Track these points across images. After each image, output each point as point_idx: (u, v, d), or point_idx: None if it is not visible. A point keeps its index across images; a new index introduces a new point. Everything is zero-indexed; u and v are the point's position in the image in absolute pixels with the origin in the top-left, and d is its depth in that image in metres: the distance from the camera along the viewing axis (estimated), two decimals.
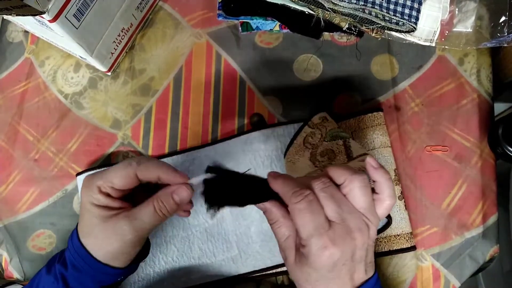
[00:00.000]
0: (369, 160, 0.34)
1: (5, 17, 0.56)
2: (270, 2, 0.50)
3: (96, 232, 0.35)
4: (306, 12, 0.49)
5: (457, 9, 0.48)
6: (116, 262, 0.36)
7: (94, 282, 0.37)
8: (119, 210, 0.36)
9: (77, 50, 0.51)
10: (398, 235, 0.47)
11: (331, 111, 0.53)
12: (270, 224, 0.35)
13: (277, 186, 0.33)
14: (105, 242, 0.35)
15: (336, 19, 0.48)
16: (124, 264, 0.37)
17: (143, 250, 0.40)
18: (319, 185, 0.32)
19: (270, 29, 0.55)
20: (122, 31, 0.54)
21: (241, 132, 0.52)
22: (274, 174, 0.34)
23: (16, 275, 0.54)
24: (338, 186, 0.33)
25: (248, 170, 0.36)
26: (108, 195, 0.36)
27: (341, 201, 0.31)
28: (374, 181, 0.33)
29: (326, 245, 0.30)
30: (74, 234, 0.37)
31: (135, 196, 0.38)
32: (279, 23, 0.54)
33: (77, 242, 0.36)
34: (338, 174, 0.32)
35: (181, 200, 0.36)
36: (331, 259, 0.30)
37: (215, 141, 0.53)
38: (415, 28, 0.46)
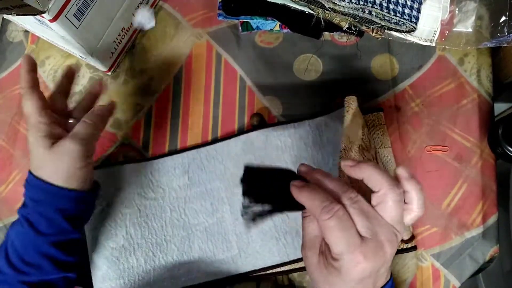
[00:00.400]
0: (401, 172, 0.33)
1: (5, 16, 0.56)
2: (270, 2, 0.50)
3: (45, 161, 0.39)
4: (306, 12, 0.49)
5: (457, 9, 0.48)
6: (70, 184, 0.39)
7: (56, 211, 0.39)
8: (52, 128, 0.40)
9: (77, 50, 0.51)
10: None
11: (330, 111, 0.53)
12: (303, 217, 0.34)
13: (303, 199, 0.32)
14: (54, 166, 0.39)
15: (336, 19, 0.48)
16: (78, 186, 0.40)
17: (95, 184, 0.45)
18: (349, 200, 0.31)
19: (270, 29, 0.55)
20: (122, 31, 0.54)
21: (241, 131, 0.52)
22: (299, 185, 0.33)
23: None
24: (370, 190, 0.32)
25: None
26: (46, 123, 0.40)
27: (372, 215, 0.31)
28: (405, 191, 0.33)
29: (359, 261, 0.29)
30: (28, 174, 0.41)
31: None
32: (279, 23, 0.54)
33: (31, 177, 0.39)
34: (375, 181, 0.31)
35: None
36: (363, 273, 0.30)
37: (215, 140, 0.53)
38: (415, 28, 0.46)
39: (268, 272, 0.48)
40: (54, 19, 0.43)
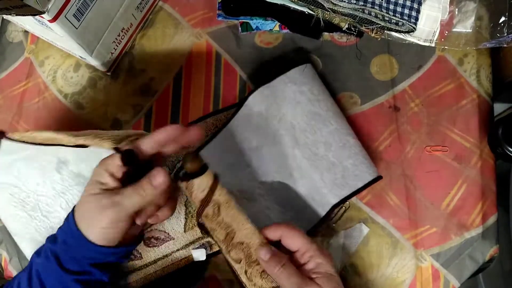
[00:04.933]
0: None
1: (5, 17, 0.56)
2: (270, 2, 0.50)
3: (88, 205, 0.37)
4: (306, 12, 0.49)
5: (456, 10, 0.48)
6: (103, 241, 0.37)
7: (84, 259, 0.38)
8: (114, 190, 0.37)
9: (77, 50, 0.51)
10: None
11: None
12: (278, 270, 0.38)
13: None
14: (93, 219, 0.36)
15: (336, 19, 0.48)
16: (107, 242, 0.37)
17: (135, 239, 0.42)
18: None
19: (270, 29, 0.55)
20: (122, 31, 0.54)
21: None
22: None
23: (16, 274, 0.54)
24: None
25: None
26: (112, 175, 0.37)
27: None
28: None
29: None
30: (70, 213, 0.38)
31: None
32: (279, 23, 0.54)
33: (72, 219, 0.37)
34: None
35: (157, 184, 0.37)
36: None
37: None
38: (415, 29, 0.46)
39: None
40: (54, 19, 0.43)
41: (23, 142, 0.46)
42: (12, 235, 0.49)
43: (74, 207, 0.39)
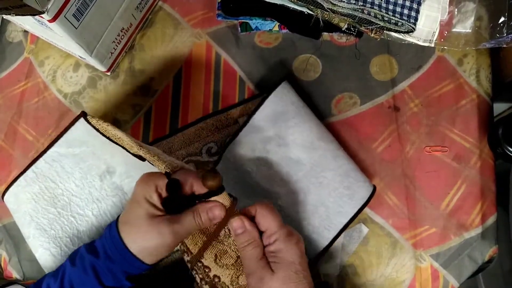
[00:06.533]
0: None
1: (5, 16, 0.56)
2: (269, 2, 0.50)
3: (139, 224, 0.37)
4: (305, 12, 0.49)
5: (456, 10, 0.48)
6: (147, 259, 0.38)
7: (122, 272, 0.38)
8: (162, 213, 0.38)
9: (77, 50, 0.51)
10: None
11: (329, 112, 0.53)
12: (244, 246, 0.38)
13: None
14: (144, 237, 0.37)
15: (335, 20, 0.48)
16: (152, 261, 0.38)
17: None
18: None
19: (269, 29, 0.55)
20: (121, 31, 0.54)
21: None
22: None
23: (15, 274, 0.53)
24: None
25: None
26: (160, 195, 0.38)
27: None
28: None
29: None
30: (113, 224, 0.39)
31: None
32: (278, 24, 0.54)
33: (115, 231, 0.38)
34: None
35: (213, 217, 0.39)
36: None
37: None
38: (414, 29, 0.46)
39: None
40: (53, 19, 0.43)
41: (96, 129, 0.46)
42: (33, 228, 0.49)
43: (117, 219, 0.39)
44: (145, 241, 0.37)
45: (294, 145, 0.48)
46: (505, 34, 0.47)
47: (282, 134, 0.49)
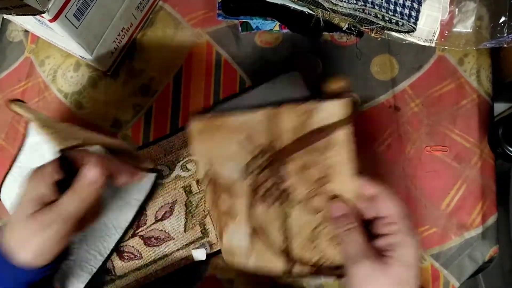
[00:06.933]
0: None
1: (5, 16, 0.56)
2: (270, 2, 0.50)
3: (22, 226, 0.33)
4: (306, 12, 0.49)
5: (457, 9, 0.48)
6: (39, 260, 0.33)
7: (21, 284, 0.34)
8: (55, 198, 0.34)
9: (77, 50, 0.51)
10: None
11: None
12: (345, 231, 0.33)
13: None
14: (28, 238, 0.33)
15: (336, 19, 0.48)
16: (49, 260, 0.34)
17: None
18: None
19: (270, 29, 0.55)
20: (122, 31, 0.54)
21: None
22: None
23: None
24: None
25: None
26: (55, 182, 0.34)
27: None
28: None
29: None
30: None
31: None
32: (279, 23, 0.54)
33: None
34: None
35: (90, 179, 0.33)
36: None
37: None
38: (415, 29, 0.46)
39: None
40: (54, 19, 0.43)
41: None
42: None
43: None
44: (31, 241, 0.32)
45: None
46: (505, 34, 0.47)
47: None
